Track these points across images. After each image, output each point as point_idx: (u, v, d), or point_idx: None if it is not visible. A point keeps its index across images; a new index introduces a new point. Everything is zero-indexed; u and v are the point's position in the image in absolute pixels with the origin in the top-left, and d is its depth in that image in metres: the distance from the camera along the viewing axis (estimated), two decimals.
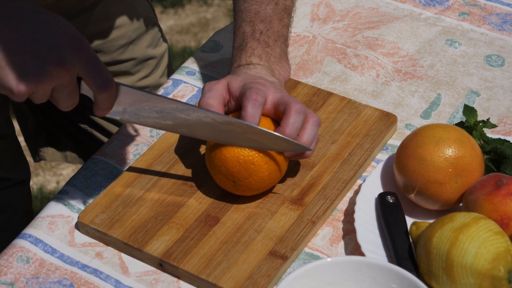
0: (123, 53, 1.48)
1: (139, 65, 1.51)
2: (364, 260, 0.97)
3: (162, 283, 1.06)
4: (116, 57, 1.48)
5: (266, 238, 1.08)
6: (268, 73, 1.17)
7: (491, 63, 1.35)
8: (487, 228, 0.97)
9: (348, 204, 1.14)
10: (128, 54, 1.49)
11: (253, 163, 1.07)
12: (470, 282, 0.96)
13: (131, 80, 1.51)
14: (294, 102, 1.08)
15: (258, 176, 1.08)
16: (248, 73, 1.17)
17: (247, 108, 1.07)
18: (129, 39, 1.47)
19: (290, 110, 1.08)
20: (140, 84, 1.53)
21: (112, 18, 1.44)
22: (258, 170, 1.08)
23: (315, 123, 1.10)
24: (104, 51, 1.46)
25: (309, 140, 1.09)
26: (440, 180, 1.07)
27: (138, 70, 1.51)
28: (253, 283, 1.02)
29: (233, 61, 1.21)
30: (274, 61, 1.20)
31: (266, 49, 1.20)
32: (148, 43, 1.51)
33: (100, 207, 1.12)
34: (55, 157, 1.63)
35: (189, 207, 1.12)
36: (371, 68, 1.34)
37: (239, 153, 1.08)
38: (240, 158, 1.07)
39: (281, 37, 1.23)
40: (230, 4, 3.13)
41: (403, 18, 1.43)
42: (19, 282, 1.06)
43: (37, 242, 1.10)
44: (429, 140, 1.08)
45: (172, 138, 1.21)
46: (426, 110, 1.27)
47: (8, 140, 1.48)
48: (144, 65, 1.52)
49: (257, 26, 1.22)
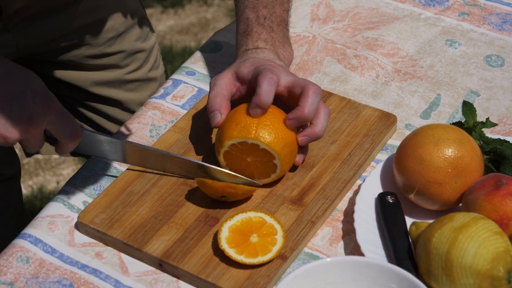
0: (111, 46, 1.48)
1: (128, 58, 1.52)
2: (364, 260, 0.97)
3: (161, 283, 1.06)
4: (104, 50, 1.48)
5: None
6: (275, 57, 1.20)
7: (491, 63, 1.35)
8: (487, 228, 0.97)
9: (348, 204, 1.14)
10: (116, 47, 1.49)
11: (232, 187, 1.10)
12: (469, 282, 0.96)
13: (120, 73, 1.52)
14: (311, 83, 1.12)
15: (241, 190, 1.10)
16: (256, 57, 1.19)
17: (262, 85, 1.10)
18: (117, 32, 1.48)
19: (308, 91, 1.11)
20: (130, 77, 1.53)
21: (100, 11, 1.45)
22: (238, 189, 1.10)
23: (327, 113, 1.14)
24: (92, 44, 1.46)
25: (323, 128, 1.13)
26: (439, 180, 1.07)
27: (127, 63, 1.52)
28: (253, 283, 1.02)
29: (239, 47, 1.24)
30: (278, 45, 1.23)
31: (271, 34, 1.23)
32: (136, 36, 1.52)
33: (100, 207, 1.12)
34: (48, 150, 1.63)
35: (189, 207, 1.12)
36: (371, 69, 1.34)
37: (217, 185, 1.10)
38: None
39: (283, 21, 1.26)
40: (230, 4, 3.13)
41: (403, 19, 1.43)
42: (18, 282, 1.06)
43: (37, 242, 1.10)
44: (428, 140, 1.08)
45: (172, 138, 1.21)
46: (426, 110, 1.27)
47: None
48: (133, 58, 1.52)
49: (260, 12, 1.24)
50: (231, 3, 3.12)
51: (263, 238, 1.05)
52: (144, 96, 1.55)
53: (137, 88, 1.54)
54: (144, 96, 1.55)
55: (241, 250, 1.03)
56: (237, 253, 1.03)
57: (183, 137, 1.21)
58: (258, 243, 1.04)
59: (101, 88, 1.51)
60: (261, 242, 1.04)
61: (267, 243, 1.04)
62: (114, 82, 1.52)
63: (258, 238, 1.05)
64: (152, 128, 1.26)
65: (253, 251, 1.03)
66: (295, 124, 1.11)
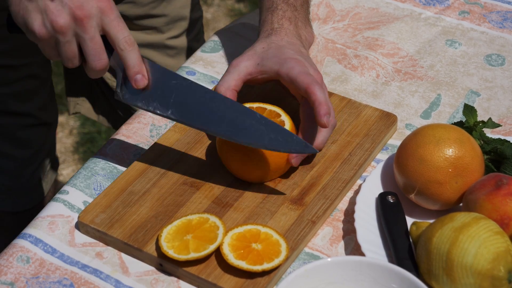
0: (155, 8, 1.50)
1: (171, 24, 1.53)
2: (364, 260, 0.97)
3: (162, 283, 1.06)
4: (148, 11, 1.49)
5: None
6: (298, 41, 1.20)
7: (491, 62, 1.35)
8: (487, 228, 0.97)
9: (348, 204, 1.14)
10: (160, 10, 1.51)
11: None
12: (470, 282, 0.96)
13: (160, 38, 1.53)
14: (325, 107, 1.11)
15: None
16: (280, 44, 1.18)
17: (322, 132, 1.13)
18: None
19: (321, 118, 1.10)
20: (170, 43, 1.55)
21: None
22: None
23: (333, 126, 1.14)
24: (136, 3, 1.48)
25: (323, 143, 1.14)
26: (440, 180, 1.07)
27: (169, 28, 1.53)
28: (253, 283, 1.02)
29: (264, 23, 1.23)
30: (300, 26, 1.23)
31: (294, 13, 1.23)
32: (182, 4, 1.53)
33: (100, 207, 1.12)
34: (89, 113, 1.68)
35: (189, 207, 1.11)
36: (371, 69, 1.34)
37: None
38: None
39: (306, 2, 1.27)
40: (230, 4, 3.13)
41: (403, 18, 1.43)
42: (19, 282, 1.06)
43: (37, 242, 1.10)
44: (429, 140, 1.08)
45: (172, 138, 1.21)
46: (426, 110, 1.27)
47: (41, 81, 1.55)
48: (176, 25, 1.54)
49: None
50: (231, 3, 3.12)
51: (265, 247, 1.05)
52: (180, 65, 1.57)
53: (175, 56, 1.56)
54: (180, 65, 1.57)
55: (241, 255, 1.03)
56: (237, 258, 1.03)
57: (184, 137, 1.21)
58: (261, 250, 1.04)
59: (140, 49, 1.53)
60: (264, 249, 1.05)
61: (269, 251, 1.04)
62: (154, 45, 1.54)
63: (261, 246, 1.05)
64: (153, 128, 1.26)
65: (256, 258, 1.03)
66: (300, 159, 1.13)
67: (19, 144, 1.58)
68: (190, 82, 1.11)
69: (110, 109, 1.66)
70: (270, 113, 1.14)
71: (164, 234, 1.05)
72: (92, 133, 2.64)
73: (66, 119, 2.66)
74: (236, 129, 1.09)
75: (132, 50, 1.08)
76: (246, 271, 1.02)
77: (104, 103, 1.66)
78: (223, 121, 1.09)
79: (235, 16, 3.04)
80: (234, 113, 1.10)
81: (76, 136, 2.63)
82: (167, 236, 1.05)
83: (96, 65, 1.07)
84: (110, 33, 1.06)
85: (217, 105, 1.10)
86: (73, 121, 2.67)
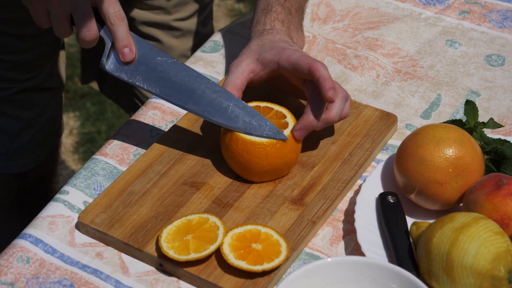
0: None
1: (179, 6, 1.54)
2: (365, 260, 0.97)
3: (162, 283, 1.06)
4: None
5: None
6: (289, 40, 1.21)
7: (491, 62, 1.35)
8: (487, 228, 0.97)
9: (348, 204, 1.14)
10: None
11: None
12: (470, 282, 0.96)
13: (166, 18, 1.54)
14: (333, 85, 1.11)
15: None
16: (273, 39, 1.19)
17: (336, 104, 1.12)
18: None
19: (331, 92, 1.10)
20: (176, 25, 1.56)
21: None
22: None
23: (343, 98, 1.14)
24: None
25: (337, 115, 1.13)
26: (440, 180, 1.07)
27: (176, 10, 1.55)
28: (253, 283, 1.02)
29: (256, 24, 1.24)
30: (293, 29, 1.24)
31: (288, 16, 1.24)
32: None
33: (100, 207, 1.12)
34: (103, 88, 1.70)
35: (189, 208, 1.11)
36: (371, 69, 1.34)
37: None
38: None
39: (300, 8, 1.27)
40: (230, 4, 3.13)
41: (403, 18, 1.43)
42: (19, 282, 1.06)
43: (37, 242, 1.10)
44: (429, 140, 1.08)
45: (172, 138, 1.21)
46: (426, 110, 1.27)
47: (50, 51, 1.56)
48: (184, 8, 1.55)
49: None
50: (231, 3, 3.12)
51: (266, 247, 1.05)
52: (185, 48, 1.57)
53: (180, 37, 1.57)
54: (185, 48, 1.57)
55: (242, 255, 1.03)
56: (237, 259, 1.03)
57: (184, 137, 1.21)
58: (261, 250, 1.04)
59: (147, 27, 1.54)
60: (265, 249, 1.04)
61: (270, 252, 1.04)
62: (159, 25, 1.55)
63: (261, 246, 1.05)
64: (153, 128, 1.26)
65: (256, 258, 1.03)
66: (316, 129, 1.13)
67: (20, 106, 1.58)
68: (175, 61, 1.15)
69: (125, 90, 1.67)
70: (277, 113, 1.15)
71: (164, 235, 1.05)
72: (92, 133, 2.64)
73: (66, 119, 2.66)
74: (214, 109, 1.13)
75: (121, 24, 1.12)
76: (246, 271, 1.02)
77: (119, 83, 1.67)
78: (202, 100, 1.14)
79: (235, 16, 3.03)
80: (214, 94, 1.13)
81: (76, 136, 2.63)
82: (167, 237, 1.05)
83: (86, 36, 1.11)
84: (101, 7, 1.11)
85: (198, 85, 1.14)
86: (73, 121, 2.67)
